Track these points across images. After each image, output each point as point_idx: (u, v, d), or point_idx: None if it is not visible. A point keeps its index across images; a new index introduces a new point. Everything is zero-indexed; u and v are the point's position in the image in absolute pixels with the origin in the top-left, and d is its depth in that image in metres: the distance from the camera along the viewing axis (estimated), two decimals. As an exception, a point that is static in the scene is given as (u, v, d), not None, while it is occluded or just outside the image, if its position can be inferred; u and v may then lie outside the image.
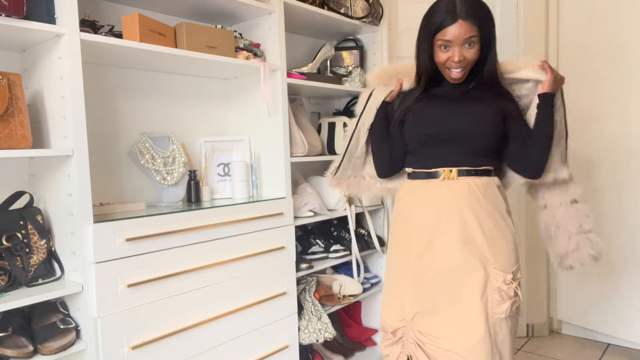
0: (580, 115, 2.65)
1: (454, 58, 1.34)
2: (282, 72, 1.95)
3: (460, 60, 1.34)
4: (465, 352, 1.31)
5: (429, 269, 1.39)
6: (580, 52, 2.63)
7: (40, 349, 1.30)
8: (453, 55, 1.34)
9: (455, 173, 1.40)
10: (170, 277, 1.53)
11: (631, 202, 2.44)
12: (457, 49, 1.33)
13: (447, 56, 1.35)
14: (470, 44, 1.34)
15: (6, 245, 1.36)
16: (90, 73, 1.72)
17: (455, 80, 1.40)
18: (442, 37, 1.34)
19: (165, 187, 1.80)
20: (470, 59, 1.36)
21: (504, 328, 1.34)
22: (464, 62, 1.36)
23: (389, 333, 1.47)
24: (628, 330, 2.50)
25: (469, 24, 1.31)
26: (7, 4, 1.21)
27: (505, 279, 1.32)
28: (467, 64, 1.37)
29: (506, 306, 1.32)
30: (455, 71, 1.38)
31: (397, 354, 1.45)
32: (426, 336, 1.37)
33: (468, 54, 1.35)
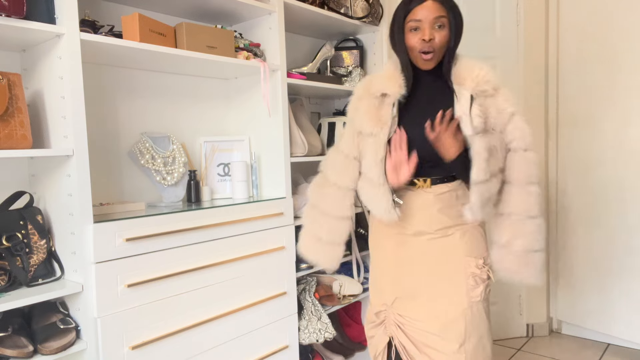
0: (579, 116, 2.65)
1: (425, 36, 1.34)
2: (282, 72, 1.95)
3: (431, 39, 1.34)
4: (441, 332, 1.41)
5: (406, 257, 1.48)
6: (581, 52, 2.63)
7: (40, 349, 1.30)
8: (424, 34, 1.34)
9: (429, 182, 1.45)
10: (170, 277, 1.53)
11: (630, 203, 2.44)
12: (427, 28, 1.35)
13: (418, 37, 1.36)
14: (440, 26, 1.36)
15: (6, 245, 1.36)
16: (90, 73, 1.72)
17: (426, 65, 1.39)
18: (412, 18, 1.36)
19: (165, 187, 1.80)
20: (440, 42, 1.36)
21: (481, 310, 1.43)
22: (434, 44, 1.35)
23: (373, 315, 1.58)
24: (628, 330, 2.50)
25: (438, 5, 1.35)
26: (7, 4, 1.21)
27: (478, 264, 1.42)
28: (437, 48, 1.37)
29: (480, 289, 1.42)
30: (426, 56, 1.37)
31: (381, 335, 1.57)
32: (405, 318, 1.48)
33: (438, 36, 1.36)
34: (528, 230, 1.40)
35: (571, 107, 2.70)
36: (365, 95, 1.47)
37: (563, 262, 2.78)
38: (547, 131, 2.81)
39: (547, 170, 2.82)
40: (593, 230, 2.61)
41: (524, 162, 1.39)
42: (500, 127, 1.39)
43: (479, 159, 1.32)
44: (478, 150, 1.33)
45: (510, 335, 2.82)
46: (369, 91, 1.47)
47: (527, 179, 1.39)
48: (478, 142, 1.33)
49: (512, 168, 1.40)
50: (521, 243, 1.40)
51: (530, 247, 1.40)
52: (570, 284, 2.75)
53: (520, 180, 1.39)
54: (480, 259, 1.44)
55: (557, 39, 2.75)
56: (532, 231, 1.40)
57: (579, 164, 2.67)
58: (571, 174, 2.71)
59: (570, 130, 2.71)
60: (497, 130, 1.38)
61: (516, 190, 1.40)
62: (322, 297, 2.12)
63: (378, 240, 1.57)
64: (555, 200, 2.80)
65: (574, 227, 2.71)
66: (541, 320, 2.85)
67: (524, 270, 1.41)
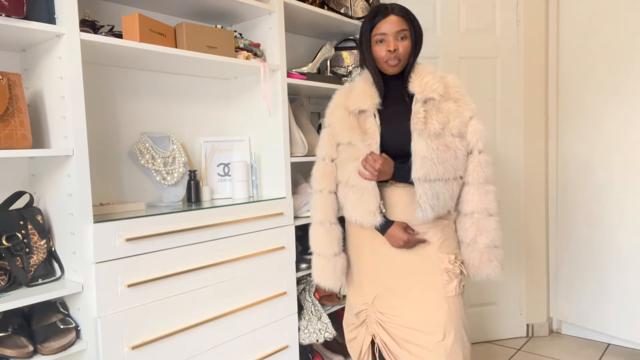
0: (579, 115, 2.65)
1: (390, 46, 1.47)
2: (282, 72, 1.95)
3: (396, 49, 1.47)
4: (421, 327, 1.48)
5: (384, 255, 1.54)
6: (581, 51, 2.63)
7: (40, 349, 1.30)
8: (389, 44, 1.48)
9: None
10: (170, 277, 1.53)
11: (631, 203, 2.44)
12: (391, 39, 1.48)
13: (384, 48, 1.49)
14: (403, 38, 1.49)
15: (6, 245, 1.36)
16: (90, 73, 1.72)
17: (393, 70, 1.51)
18: (377, 32, 1.49)
19: (165, 187, 1.80)
20: (404, 51, 1.49)
21: (457, 304, 1.50)
22: (398, 53, 1.48)
23: (353, 317, 1.64)
24: (628, 330, 2.50)
25: (400, 19, 1.49)
26: (7, 4, 1.21)
27: (450, 260, 1.50)
28: (401, 57, 1.49)
29: (454, 284, 1.49)
30: (392, 61, 1.49)
31: (363, 335, 1.61)
32: (385, 315, 1.54)
33: (401, 46, 1.49)
34: (490, 227, 1.49)
35: (571, 107, 2.70)
36: (340, 107, 1.58)
37: (563, 262, 2.78)
38: (547, 131, 2.81)
39: (547, 169, 2.82)
40: (593, 230, 2.61)
41: (479, 163, 1.48)
42: (461, 131, 1.47)
43: (416, 157, 1.42)
44: (416, 149, 1.42)
45: (510, 335, 2.82)
46: (345, 105, 1.57)
47: (484, 179, 1.48)
48: (420, 142, 1.42)
49: (470, 169, 1.49)
50: (484, 239, 1.49)
51: (491, 243, 1.50)
52: (570, 284, 2.75)
53: (478, 180, 1.48)
54: (452, 254, 1.51)
55: (557, 39, 2.75)
56: (494, 228, 1.50)
57: (579, 163, 2.67)
58: (571, 174, 2.71)
59: (570, 130, 2.71)
60: (455, 135, 1.46)
61: (475, 190, 1.48)
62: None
63: (356, 241, 1.61)
64: (555, 199, 2.80)
65: (574, 226, 2.71)
66: (541, 320, 2.85)
67: (487, 266, 1.51)
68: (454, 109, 1.48)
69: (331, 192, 1.58)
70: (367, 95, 1.53)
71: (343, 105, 1.58)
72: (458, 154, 1.45)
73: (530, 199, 2.79)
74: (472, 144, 1.48)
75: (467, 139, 1.48)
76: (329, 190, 1.58)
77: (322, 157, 1.60)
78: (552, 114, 2.79)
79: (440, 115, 1.46)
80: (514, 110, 2.74)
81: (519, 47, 2.73)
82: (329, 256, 1.58)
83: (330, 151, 1.58)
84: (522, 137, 2.75)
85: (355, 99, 1.55)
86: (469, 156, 1.49)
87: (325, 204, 1.57)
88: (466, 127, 1.48)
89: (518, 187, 2.77)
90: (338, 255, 1.59)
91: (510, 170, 2.76)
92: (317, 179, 1.59)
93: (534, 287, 2.83)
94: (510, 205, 2.76)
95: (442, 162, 1.42)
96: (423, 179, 1.41)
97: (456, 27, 2.63)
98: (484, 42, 2.68)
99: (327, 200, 1.57)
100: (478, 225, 1.49)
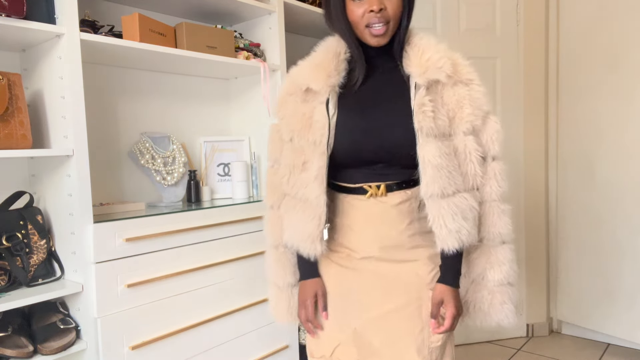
0: (579, 115, 2.65)
1: (373, 5, 1.03)
2: (282, 72, 1.95)
3: (381, 9, 1.04)
4: None
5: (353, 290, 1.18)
6: (581, 51, 2.63)
7: (40, 349, 1.30)
8: (371, 3, 1.04)
9: (383, 189, 1.12)
10: (170, 277, 1.53)
11: (631, 202, 2.44)
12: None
13: (364, 8, 1.05)
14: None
15: (6, 245, 1.36)
16: (90, 73, 1.72)
17: (379, 40, 1.08)
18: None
19: (165, 187, 1.80)
20: (393, 11, 1.06)
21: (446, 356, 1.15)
22: (386, 14, 1.05)
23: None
24: (628, 330, 2.50)
25: None
26: (7, 4, 1.21)
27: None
28: (390, 18, 1.06)
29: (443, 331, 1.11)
30: (377, 26, 1.05)
31: None
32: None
33: (390, 3, 1.05)
34: (504, 257, 1.13)
35: (571, 107, 2.70)
36: (293, 89, 1.17)
37: (563, 262, 2.78)
38: (547, 131, 2.81)
39: (547, 169, 2.82)
40: (593, 230, 2.61)
41: (495, 174, 1.11)
42: (475, 126, 1.10)
43: (426, 166, 1.04)
44: (426, 155, 1.04)
45: (510, 335, 2.82)
46: (294, 90, 1.16)
47: (499, 195, 1.11)
48: (430, 145, 1.04)
49: (482, 181, 1.11)
50: (496, 275, 1.13)
51: (505, 280, 1.13)
52: (570, 284, 2.75)
53: (491, 196, 1.11)
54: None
55: (557, 39, 2.75)
56: (509, 259, 1.13)
57: (579, 163, 2.67)
58: (572, 174, 2.71)
59: (570, 130, 2.71)
60: (467, 132, 1.09)
61: (487, 208, 1.11)
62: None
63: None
64: (555, 199, 2.80)
65: (574, 227, 2.71)
66: (541, 320, 2.85)
67: (499, 311, 1.14)
68: (466, 95, 1.08)
69: (279, 207, 1.22)
70: (321, 68, 1.10)
71: (294, 88, 1.17)
72: (473, 159, 1.08)
73: (530, 198, 2.79)
74: (487, 148, 1.11)
75: (483, 141, 1.10)
76: (278, 204, 1.22)
77: (270, 161, 1.25)
78: (552, 114, 2.79)
79: (450, 104, 1.08)
80: (514, 110, 2.74)
81: (519, 47, 2.73)
82: (283, 287, 1.26)
83: (277, 153, 1.22)
84: (522, 137, 2.75)
85: (303, 71, 1.14)
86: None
87: (277, 223, 1.22)
88: (481, 122, 1.10)
89: (518, 186, 2.77)
90: (295, 286, 1.25)
91: (510, 170, 2.74)
92: (267, 192, 1.25)
93: (534, 287, 2.83)
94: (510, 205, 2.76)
95: (459, 170, 1.07)
96: (439, 194, 1.03)
97: (456, 27, 2.63)
98: (484, 42, 2.68)
99: (278, 218, 1.21)
100: (489, 256, 1.13)
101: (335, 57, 1.12)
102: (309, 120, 1.12)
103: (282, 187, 1.18)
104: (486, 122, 1.11)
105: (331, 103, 1.10)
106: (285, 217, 1.18)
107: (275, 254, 1.25)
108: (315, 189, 1.10)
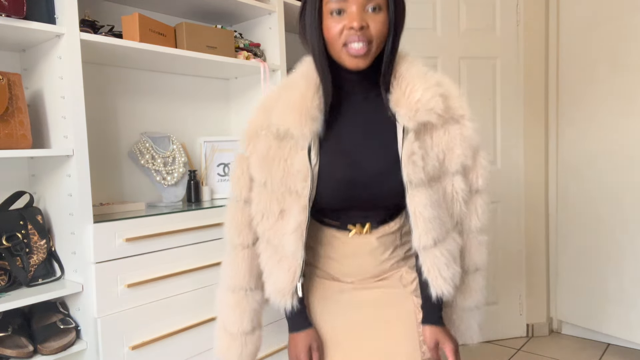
0: (579, 116, 2.65)
1: (353, 22, 0.91)
2: (282, 72, 1.95)
3: (363, 27, 0.91)
4: None
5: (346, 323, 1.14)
6: (581, 51, 2.63)
7: (40, 349, 1.30)
8: (351, 18, 0.91)
9: (368, 227, 1.09)
10: (171, 277, 1.53)
11: (631, 203, 2.44)
12: (355, 9, 0.91)
13: (342, 24, 0.92)
14: (376, 9, 0.93)
15: (6, 245, 1.36)
16: (90, 73, 1.72)
17: (357, 62, 0.94)
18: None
19: (165, 187, 1.80)
20: (377, 30, 0.94)
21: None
22: (368, 33, 0.93)
23: None
24: (628, 330, 2.50)
25: None
26: (7, 4, 1.21)
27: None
28: (373, 38, 0.94)
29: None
30: (356, 45, 0.92)
31: None
32: None
33: (373, 22, 0.93)
34: (476, 285, 1.13)
35: (571, 107, 2.70)
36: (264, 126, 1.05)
37: (563, 262, 2.78)
38: (547, 131, 2.81)
39: (547, 169, 2.82)
40: (593, 230, 2.61)
41: (476, 208, 1.08)
42: (465, 165, 1.04)
43: (418, 219, 0.98)
44: (416, 207, 0.98)
45: (510, 335, 2.82)
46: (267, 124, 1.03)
47: (478, 228, 1.09)
48: (420, 195, 0.98)
49: (465, 215, 1.08)
50: (466, 302, 1.13)
51: (474, 305, 1.14)
52: (570, 284, 2.75)
53: (470, 228, 1.09)
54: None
55: (557, 39, 2.75)
56: (480, 287, 1.13)
57: (579, 163, 2.67)
58: (571, 174, 2.71)
59: (570, 130, 2.71)
60: (456, 172, 1.03)
61: (465, 239, 1.10)
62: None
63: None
64: (555, 199, 2.80)
65: (574, 226, 2.71)
66: (541, 320, 2.85)
67: (464, 333, 1.16)
68: (457, 135, 1.02)
69: (248, 245, 1.12)
70: (303, 109, 0.96)
71: (267, 122, 1.03)
72: (460, 198, 1.04)
73: (530, 198, 2.79)
74: (472, 182, 1.07)
75: (470, 177, 1.06)
76: (245, 243, 1.12)
77: (234, 196, 1.13)
78: (552, 114, 2.79)
79: (440, 145, 1.01)
80: (514, 110, 2.74)
81: (519, 47, 2.73)
82: (237, 334, 1.14)
83: (244, 190, 1.10)
84: (522, 137, 2.75)
85: (281, 109, 0.99)
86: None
87: (239, 264, 1.12)
88: (471, 162, 1.05)
89: (518, 186, 2.77)
90: (250, 333, 1.14)
91: (510, 170, 2.76)
92: (229, 228, 1.13)
93: (534, 287, 2.83)
94: (510, 205, 2.76)
95: (447, 212, 1.03)
96: (432, 244, 1.00)
97: (456, 27, 2.63)
98: (484, 42, 2.68)
99: (243, 258, 1.11)
100: (461, 284, 1.10)
101: (317, 92, 0.99)
102: (288, 168, 1.01)
103: (253, 228, 1.10)
104: (476, 159, 1.06)
105: (313, 151, 0.99)
106: (261, 261, 1.10)
107: (233, 297, 1.13)
108: (292, 244, 1.02)
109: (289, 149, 1.01)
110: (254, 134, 1.07)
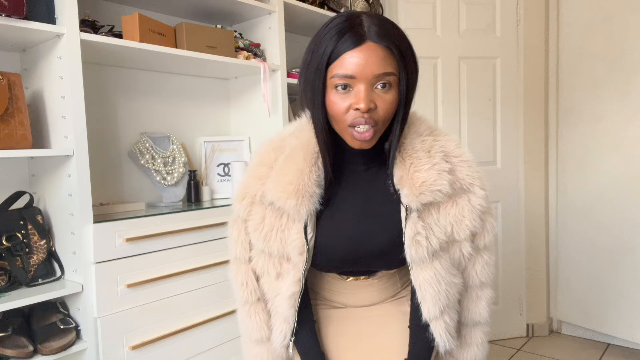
0: (579, 115, 2.65)
1: (359, 103, 0.84)
2: (282, 72, 1.95)
3: (370, 109, 0.85)
4: None
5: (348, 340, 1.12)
6: (581, 51, 2.63)
7: (40, 349, 1.30)
8: (358, 99, 0.84)
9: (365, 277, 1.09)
10: (171, 277, 1.53)
11: (631, 202, 2.44)
12: (363, 88, 0.84)
13: (349, 103, 0.86)
14: (386, 86, 0.86)
15: (6, 245, 1.36)
16: (90, 73, 1.72)
17: (362, 145, 0.90)
18: (339, 71, 0.84)
19: (165, 187, 1.80)
20: (385, 111, 0.87)
21: None
22: (375, 115, 0.86)
23: None
24: (628, 330, 2.50)
25: (383, 51, 0.84)
26: (7, 4, 1.21)
27: None
28: (380, 121, 0.88)
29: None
30: (362, 128, 0.86)
31: None
32: None
33: (382, 102, 0.86)
34: (476, 340, 1.08)
35: (571, 107, 2.70)
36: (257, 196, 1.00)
37: (563, 262, 2.78)
38: (547, 131, 2.81)
39: (547, 169, 2.82)
40: (593, 230, 2.61)
41: (478, 263, 1.04)
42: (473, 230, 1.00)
43: (425, 294, 0.96)
44: (422, 285, 0.96)
45: (510, 335, 2.82)
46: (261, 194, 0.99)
47: (480, 282, 1.06)
48: (425, 273, 0.95)
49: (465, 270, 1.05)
50: (466, 356, 1.09)
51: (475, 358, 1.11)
52: (570, 284, 2.75)
53: (473, 283, 1.06)
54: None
55: (557, 39, 2.75)
56: (481, 342, 1.08)
57: (579, 163, 2.67)
58: (571, 174, 2.71)
59: (570, 130, 2.71)
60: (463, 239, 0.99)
61: (465, 293, 1.07)
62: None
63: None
64: (555, 199, 2.80)
65: (573, 226, 2.71)
66: (541, 320, 2.85)
67: None
68: (465, 206, 0.96)
69: (258, 299, 1.08)
70: (298, 184, 0.92)
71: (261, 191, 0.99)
72: (466, 259, 1.02)
73: (530, 198, 2.79)
74: (479, 239, 1.03)
75: (477, 239, 1.03)
76: (254, 298, 1.08)
77: (235, 255, 1.09)
78: (552, 114, 2.79)
79: (448, 218, 0.96)
80: (513, 111, 2.74)
81: (519, 47, 2.73)
82: None
83: (244, 251, 1.07)
84: (521, 137, 2.75)
85: (276, 183, 0.95)
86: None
87: (254, 318, 1.09)
88: (480, 227, 1.00)
89: (518, 186, 2.77)
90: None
91: (510, 170, 2.76)
92: (235, 286, 1.10)
93: (534, 287, 2.83)
94: (510, 205, 2.76)
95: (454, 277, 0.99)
96: (441, 313, 0.97)
97: (456, 27, 2.63)
98: (484, 42, 2.68)
99: (256, 312, 1.08)
100: (458, 335, 1.07)
101: (315, 164, 0.94)
102: (285, 238, 0.98)
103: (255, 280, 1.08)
104: (484, 224, 1.01)
105: (310, 225, 0.94)
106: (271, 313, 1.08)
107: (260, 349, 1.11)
108: (286, 309, 1.00)
109: (286, 220, 0.97)
110: (249, 201, 1.02)
